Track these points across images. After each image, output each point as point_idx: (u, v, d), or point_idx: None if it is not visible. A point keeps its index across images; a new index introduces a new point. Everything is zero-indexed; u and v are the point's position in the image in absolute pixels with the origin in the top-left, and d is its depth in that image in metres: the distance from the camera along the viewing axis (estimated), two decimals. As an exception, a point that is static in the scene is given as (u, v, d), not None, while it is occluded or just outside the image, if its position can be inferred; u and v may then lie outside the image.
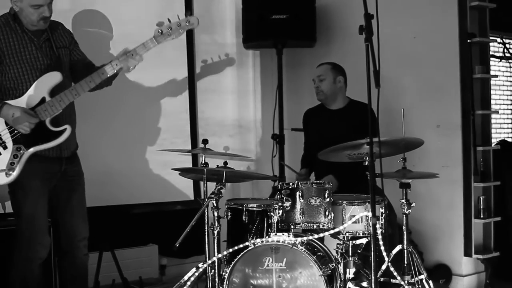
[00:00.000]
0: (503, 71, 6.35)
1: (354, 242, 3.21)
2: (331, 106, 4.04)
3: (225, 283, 3.07)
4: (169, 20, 3.13)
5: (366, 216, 3.13)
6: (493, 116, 4.58)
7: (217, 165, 3.33)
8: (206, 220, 3.25)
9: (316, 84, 4.00)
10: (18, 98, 3.04)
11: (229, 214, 3.33)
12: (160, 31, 3.12)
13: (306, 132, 4.22)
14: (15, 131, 3.01)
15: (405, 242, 3.21)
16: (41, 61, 3.10)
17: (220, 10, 5.16)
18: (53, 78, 3.08)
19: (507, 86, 6.47)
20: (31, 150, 3.03)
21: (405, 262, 3.20)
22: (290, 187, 3.17)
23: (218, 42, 5.07)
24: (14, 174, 3.01)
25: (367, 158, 3.04)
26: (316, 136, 4.06)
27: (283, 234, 3.08)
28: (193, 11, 4.83)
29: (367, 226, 3.13)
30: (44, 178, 3.13)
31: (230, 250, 3.12)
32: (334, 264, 3.10)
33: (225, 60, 4.81)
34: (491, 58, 5.31)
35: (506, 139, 6.05)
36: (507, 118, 6.47)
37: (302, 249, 3.01)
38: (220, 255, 3.17)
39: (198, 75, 4.91)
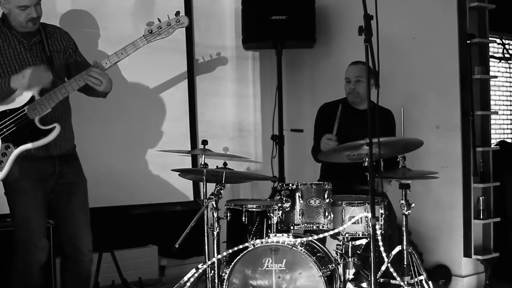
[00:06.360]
0: (502, 72, 6.34)
1: (353, 243, 3.20)
2: (359, 106, 3.90)
3: (224, 284, 3.06)
4: (159, 20, 3.12)
5: (366, 217, 3.13)
6: (492, 117, 4.58)
7: (217, 166, 3.32)
8: (205, 221, 3.25)
9: (353, 85, 3.83)
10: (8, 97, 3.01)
11: (228, 215, 3.33)
12: (150, 30, 3.11)
13: (324, 126, 3.87)
14: (3, 130, 2.99)
15: (404, 242, 3.21)
16: (30, 62, 3.07)
17: (220, 11, 5.15)
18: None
19: (507, 87, 6.47)
20: (20, 149, 3.00)
21: (405, 263, 3.20)
22: (290, 188, 3.16)
23: (218, 43, 5.05)
24: (3, 173, 2.98)
25: (367, 159, 3.05)
26: (346, 133, 3.70)
27: (282, 235, 3.08)
28: (192, 12, 4.83)
29: (367, 227, 3.13)
30: (36, 179, 3.08)
31: (230, 251, 3.12)
32: (333, 265, 3.09)
33: (217, 59, 4.77)
34: (491, 59, 5.30)
35: (505, 139, 6.05)
36: (507, 119, 6.47)
37: (301, 250, 3.01)
38: (219, 256, 3.17)
39: (197, 75, 4.90)
